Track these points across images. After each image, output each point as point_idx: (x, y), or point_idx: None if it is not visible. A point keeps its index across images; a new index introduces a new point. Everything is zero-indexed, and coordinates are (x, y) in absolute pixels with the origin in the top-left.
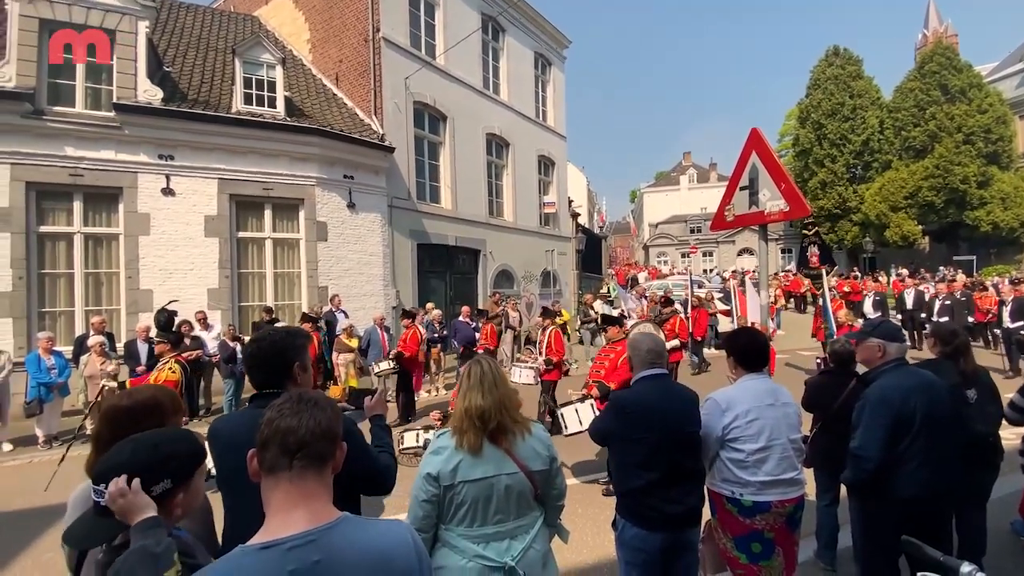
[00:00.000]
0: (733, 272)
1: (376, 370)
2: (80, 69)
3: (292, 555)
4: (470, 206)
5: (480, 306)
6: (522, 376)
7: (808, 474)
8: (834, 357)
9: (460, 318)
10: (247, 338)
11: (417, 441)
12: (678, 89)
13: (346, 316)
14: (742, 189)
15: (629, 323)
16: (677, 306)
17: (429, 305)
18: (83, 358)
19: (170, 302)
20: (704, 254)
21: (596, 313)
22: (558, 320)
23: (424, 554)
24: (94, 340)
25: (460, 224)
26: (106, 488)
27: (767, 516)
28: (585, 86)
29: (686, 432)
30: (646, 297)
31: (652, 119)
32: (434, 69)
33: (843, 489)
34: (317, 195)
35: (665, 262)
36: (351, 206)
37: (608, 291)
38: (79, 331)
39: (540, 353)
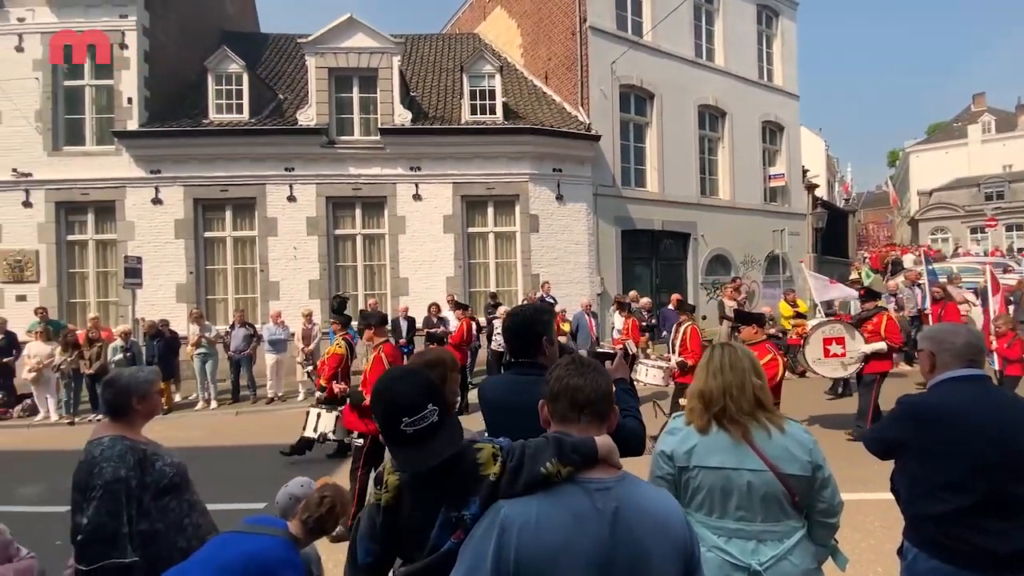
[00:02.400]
0: None
1: None
2: (356, 104)
3: (596, 496)
4: (678, 187)
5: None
6: (648, 376)
7: None
8: None
9: (670, 306)
10: (481, 319)
11: None
12: (961, 11)
13: (555, 302)
14: None
15: (810, 324)
16: (893, 299)
17: (633, 293)
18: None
19: (342, 292)
20: (1009, 228)
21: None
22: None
23: (691, 525)
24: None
25: (667, 207)
26: (433, 405)
27: None
28: (825, 31)
29: (1019, 451)
30: (919, 285)
31: (921, 58)
32: (641, 48)
33: None
34: (530, 190)
35: (944, 239)
36: (559, 198)
37: (861, 277)
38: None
39: (673, 352)
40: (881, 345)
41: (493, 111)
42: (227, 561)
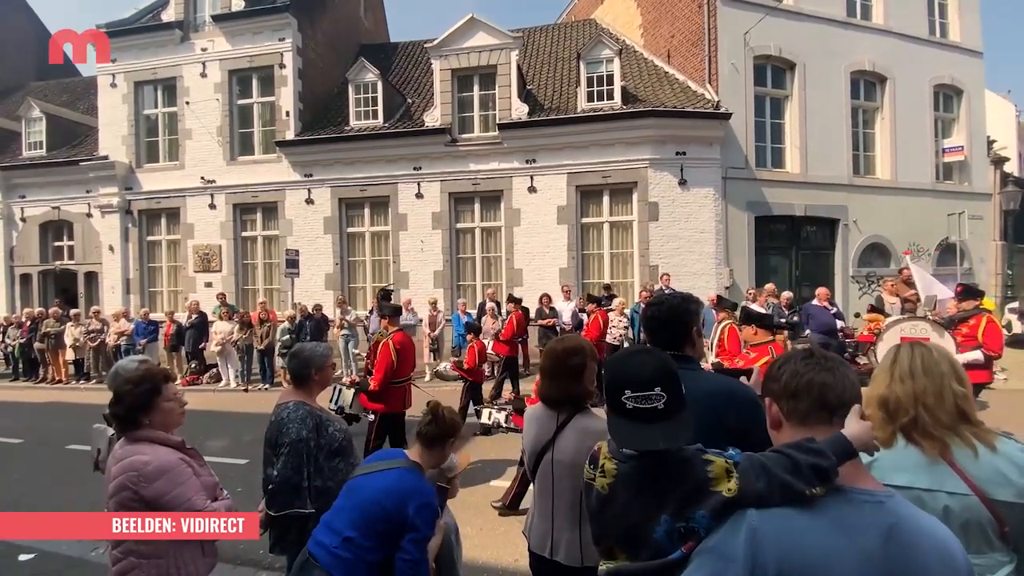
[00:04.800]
0: None
1: None
2: (476, 102)
3: (867, 509)
4: (825, 166)
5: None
6: None
7: None
8: None
9: (815, 302)
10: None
11: (489, 419)
12: None
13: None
14: None
15: (889, 323)
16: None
17: (769, 287)
18: (483, 319)
19: (388, 284)
20: None
21: None
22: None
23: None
24: (488, 306)
25: (810, 189)
26: (661, 391)
27: None
28: None
29: None
30: None
31: None
32: (780, 14)
33: None
34: (649, 176)
35: None
36: (682, 183)
37: None
38: (479, 299)
39: (710, 353)
40: (976, 355)
41: (611, 97)
42: (363, 502)
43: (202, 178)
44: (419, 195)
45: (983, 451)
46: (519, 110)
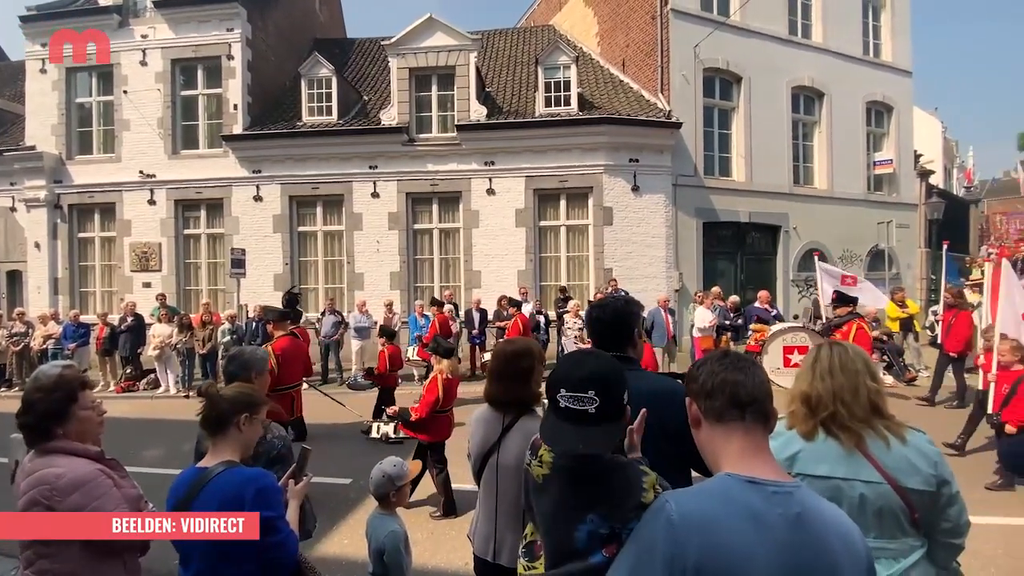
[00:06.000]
0: None
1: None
2: (435, 102)
3: (776, 499)
4: (768, 175)
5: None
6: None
7: None
8: None
9: (757, 304)
10: (550, 313)
11: (378, 433)
12: None
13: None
14: None
15: (771, 330)
16: (868, 306)
17: (715, 290)
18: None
19: (293, 287)
20: None
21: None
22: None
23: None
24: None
25: (755, 197)
26: (595, 395)
27: None
28: None
29: None
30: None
31: None
32: (728, 29)
33: None
34: (604, 182)
35: None
36: (635, 189)
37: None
38: None
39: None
40: None
41: (568, 102)
42: (206, 545)
43: (141, 172)
44: (375, 194)
45: (894, 442)
46: (478, 112)
